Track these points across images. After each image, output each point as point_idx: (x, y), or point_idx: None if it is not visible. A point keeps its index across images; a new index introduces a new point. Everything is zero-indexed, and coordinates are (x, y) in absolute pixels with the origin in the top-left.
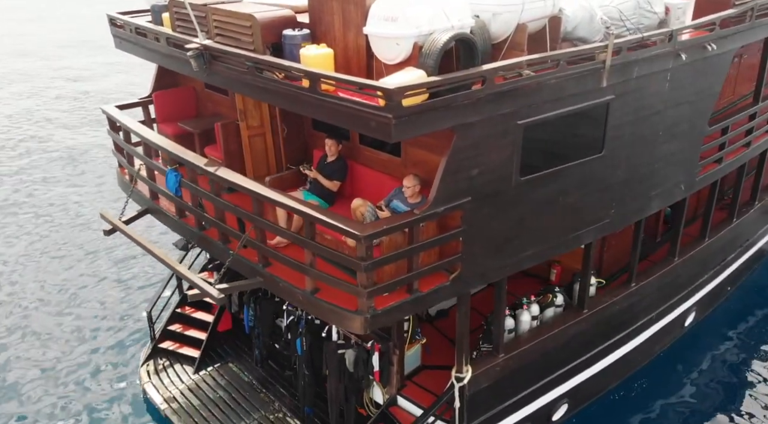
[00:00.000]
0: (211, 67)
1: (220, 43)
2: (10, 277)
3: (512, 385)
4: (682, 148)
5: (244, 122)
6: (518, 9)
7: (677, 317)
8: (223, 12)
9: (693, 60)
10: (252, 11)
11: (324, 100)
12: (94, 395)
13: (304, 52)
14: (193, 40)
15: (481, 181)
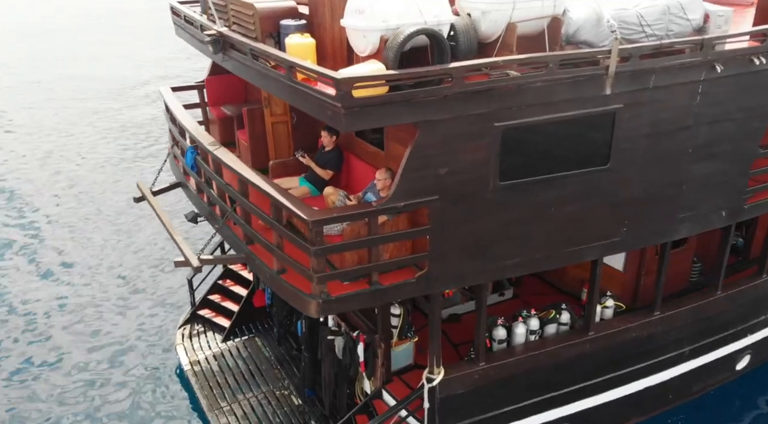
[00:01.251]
0: (226, 54)
1: (234, 31)
2: (65, 241)
3: (495, 397)
4: (722, 170)
5: (268, 109)
6: (508, 8)
7: (724, 358)
8: (236, 2)
9: (735, 73)
10: (256, 1)
11: (297, 87)
12: (132, 350)
13: (287, 40)
14: (213, 28)
15: (451, 181)
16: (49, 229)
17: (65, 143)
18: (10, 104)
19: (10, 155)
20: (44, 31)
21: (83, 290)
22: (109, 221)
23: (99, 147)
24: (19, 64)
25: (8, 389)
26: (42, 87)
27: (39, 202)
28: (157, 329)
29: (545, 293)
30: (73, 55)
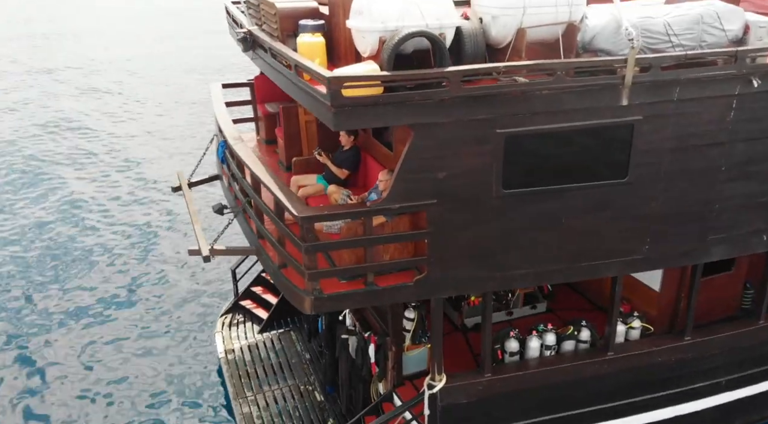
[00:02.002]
0: (255, 51)
1: (263, 30)
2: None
3: (501, 411)
4: (763, 190)
5: (303, 108)
6: (518, 13)
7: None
8: (265, 2)
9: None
10: (278, 1)
11: (300, 85)
12: (176, 332)
13: (298, 39)
14: (246, 27)
15: (450, 186)
16: (117, 208)
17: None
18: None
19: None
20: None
21: (140, 272)
22: (167, 205)
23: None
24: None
25: (59, 360)
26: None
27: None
28: (201, 315)
29: (581, 309)
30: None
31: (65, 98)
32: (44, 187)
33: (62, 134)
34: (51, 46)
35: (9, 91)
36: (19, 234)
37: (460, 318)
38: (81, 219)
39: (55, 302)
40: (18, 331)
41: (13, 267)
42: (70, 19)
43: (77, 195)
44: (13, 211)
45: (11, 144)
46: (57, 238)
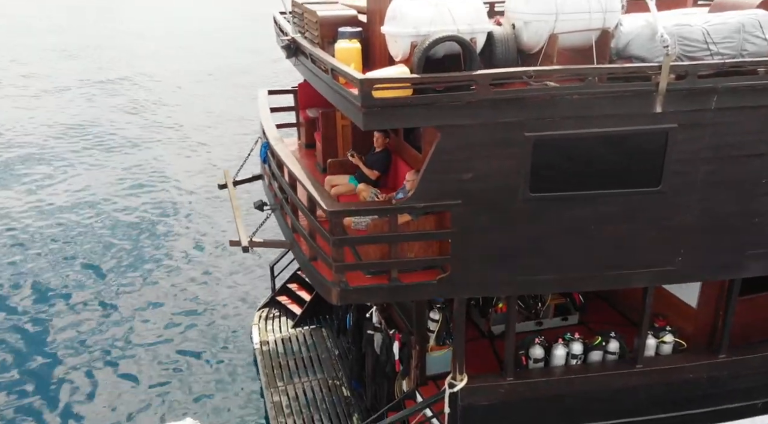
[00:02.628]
0: (297, 58)
1: (305, 38)
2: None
3: (522, 416)
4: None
5: (340, 113)
6: (550, 19)
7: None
8: (308, 11)
9: None
10: (320, 9)
11: (335, 88)
12: (217, 322)
13: (336, 45)
14: (290, 35)
15: (476, 187)
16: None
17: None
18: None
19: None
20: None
21: (179, 270)
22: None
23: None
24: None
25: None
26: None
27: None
28: (240, 308)
29: (614, 323)
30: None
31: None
32: (95, 188)
33: (113, 140)
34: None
35: (65, 106)
36: (72, 229)
37: (488, 325)
38: (128, 218)
39: (105, 294)
40: (77, 317)
41: (69, 260)
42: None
43: (124, 199)
44: (63, 204)
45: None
46: (107, 237)
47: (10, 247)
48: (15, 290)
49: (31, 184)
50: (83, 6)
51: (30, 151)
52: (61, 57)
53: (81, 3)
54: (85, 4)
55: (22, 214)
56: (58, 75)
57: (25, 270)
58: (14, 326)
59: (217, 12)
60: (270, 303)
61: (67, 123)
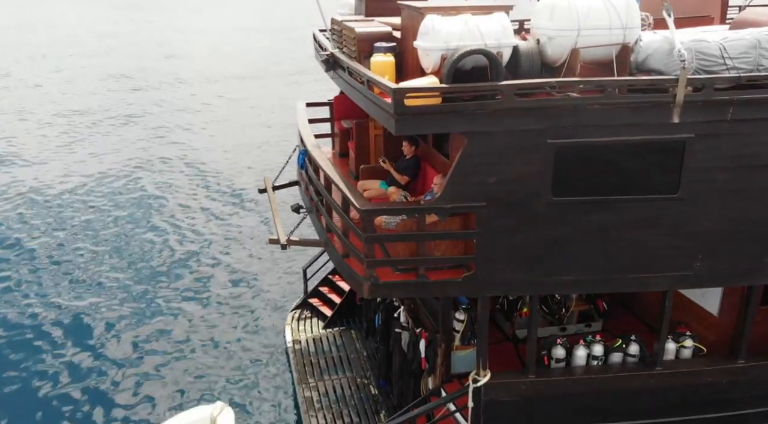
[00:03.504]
0: (335, 71)
1: (343, 53)
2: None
3: (544, 412)
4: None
5: (372, 123)
6: (573, 35)
7: None
8: (346, 28)
9: None
10: (357, 26)
11: (370, 97)
12: (250, 323)
13: (371, 59)
14: (329, 50)
15: (500, 191)
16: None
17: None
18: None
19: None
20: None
21: (218, 270)
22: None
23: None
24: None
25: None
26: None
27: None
28: (273, 309)
29: (636, 330)
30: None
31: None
32: (138, 190)
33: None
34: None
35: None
36: (112, 229)
37: (512, 329)
38: (167, 221)
39: (147, 293)
40: (114, 314)
41: (107, 259)
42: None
43: (164, 201)
44: (107, 208)
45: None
46: (145, 238)
47: (65, 248)
48: (56, 283)
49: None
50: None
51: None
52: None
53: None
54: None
55: (76, 208)
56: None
57: (74, 265)
58: (56, 319)
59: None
60: (302, 305)
61: (114, 114)
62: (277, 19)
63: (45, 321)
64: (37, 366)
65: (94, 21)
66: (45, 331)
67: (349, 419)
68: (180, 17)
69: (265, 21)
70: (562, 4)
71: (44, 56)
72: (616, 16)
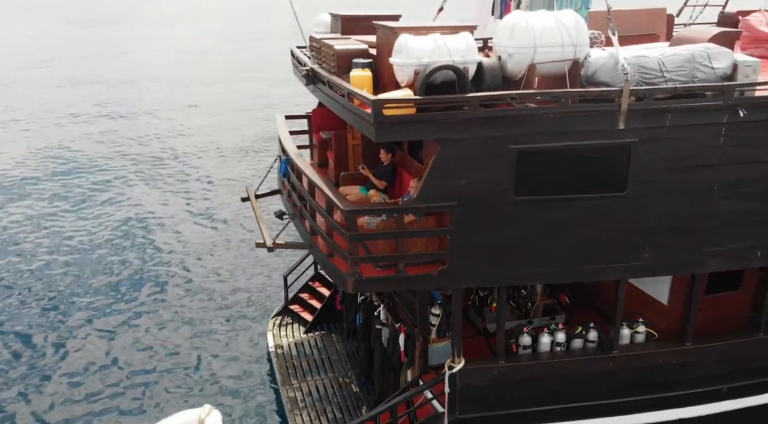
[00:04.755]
0: (316, 85)
1: (323, 68)
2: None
3: (513, 396)
4: (754, 210)
5: (351, 134)
6: (530, 52)
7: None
8: (325, 45)
9: (764, 119)
10: (336, 44)
11: (351, 108)
12: (235, 330)
13: (351, 74)
14: (309, 65)
15: (470, 191)
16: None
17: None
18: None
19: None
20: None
21: (200, 279)
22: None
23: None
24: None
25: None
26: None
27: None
28: (255, 316)
29: (596, 321)
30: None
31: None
32: (121, 201)
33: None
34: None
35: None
36: (98, 236)
37: (483, 323)
38: (149, 231)
39: (125, 299)
40: (102, 323)
41: (91, 265)
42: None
43: (146, 211)
44: (97, 216)
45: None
46: (128, 250)
47: (55, 262)
48: (33, 292)
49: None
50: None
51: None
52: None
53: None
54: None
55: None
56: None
57: (54, 274)
58: (33, 328)
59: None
60: (283, 311)
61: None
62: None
63: (26, 330)
64: (17, 375)
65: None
66: (26, 340)
67: (332, 416)
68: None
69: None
70: (520, 24)
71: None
72: (567, 34)
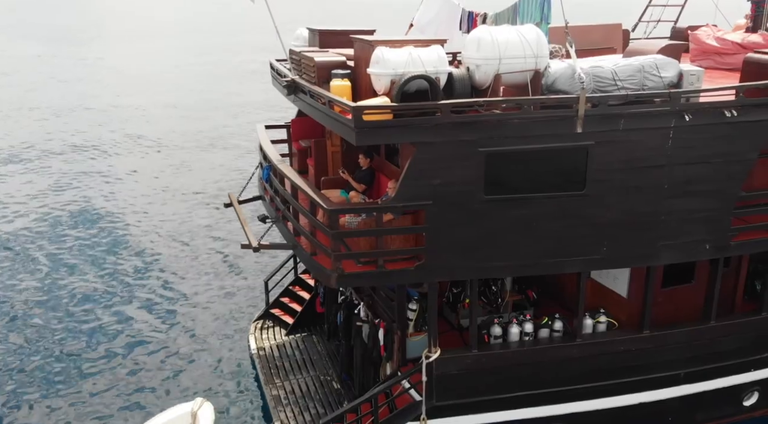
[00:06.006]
0: (297, 95)
1: (303, 79)
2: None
3: (486, 383)
4: (702, 207)
5: (329, 141)
6: (495, 63)
7: (726, 390)
8: (305, 57)
9: (708, 123)
10: (316, 56)
11: (332, 115)
12: (216, 334)
13: (331, 83)
14: (290, 77)
15: (443, 191)
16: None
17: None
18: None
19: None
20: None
21: (182, 286)
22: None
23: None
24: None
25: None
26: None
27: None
28: (237, 320)
29: (562, 315)
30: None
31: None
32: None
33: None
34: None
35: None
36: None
37: (457, 319)
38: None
39: (110, 304)
40: (92, 325)
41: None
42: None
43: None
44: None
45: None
46: (116, 256)
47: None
48: (23, 289)
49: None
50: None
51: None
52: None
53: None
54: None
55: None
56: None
57: (41, 275)
58: (28, 323)
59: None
60: (264, 315)
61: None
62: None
63: (12, 327)
64: (7, 373)
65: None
66: (22, 339)
67: (315, 411)
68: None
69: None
70: (486, 38)
71: None
72: (528, 47)
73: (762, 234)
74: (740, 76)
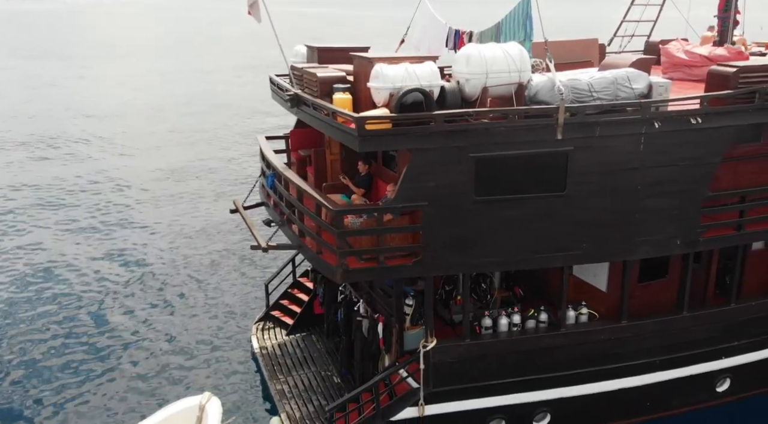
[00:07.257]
0: (299, 108)
1: (305, 93)
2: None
3: (479, 370)
4: (673, 206)
5: (329, 150)
6: (483, 77)
7: (699, 377)
8: (307, 73)
9: (675, 129)
10: (318, 72)
11: (335, 125)
12: (221, 335)
13: (334, 96)
14: (292, 90)
15: (438, 193)
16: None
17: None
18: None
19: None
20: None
21: (185, 289)
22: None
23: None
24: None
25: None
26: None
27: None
28: (240, 322)
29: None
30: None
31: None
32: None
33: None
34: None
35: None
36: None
37: (449, 315)
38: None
39: (120, 308)
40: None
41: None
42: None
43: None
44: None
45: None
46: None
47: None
48: (32, 297)
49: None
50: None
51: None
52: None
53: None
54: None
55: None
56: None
57: (52, 280)
58: (41, 329)
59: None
60: (265, 317)
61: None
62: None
63: (22, 329)
64: (19, 371)
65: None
66: (27, 342)
67: (318, 403)
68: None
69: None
70: (474, 54)
71: None
72: (512, 62)
73: (728, 231)
74: (705, 87)
